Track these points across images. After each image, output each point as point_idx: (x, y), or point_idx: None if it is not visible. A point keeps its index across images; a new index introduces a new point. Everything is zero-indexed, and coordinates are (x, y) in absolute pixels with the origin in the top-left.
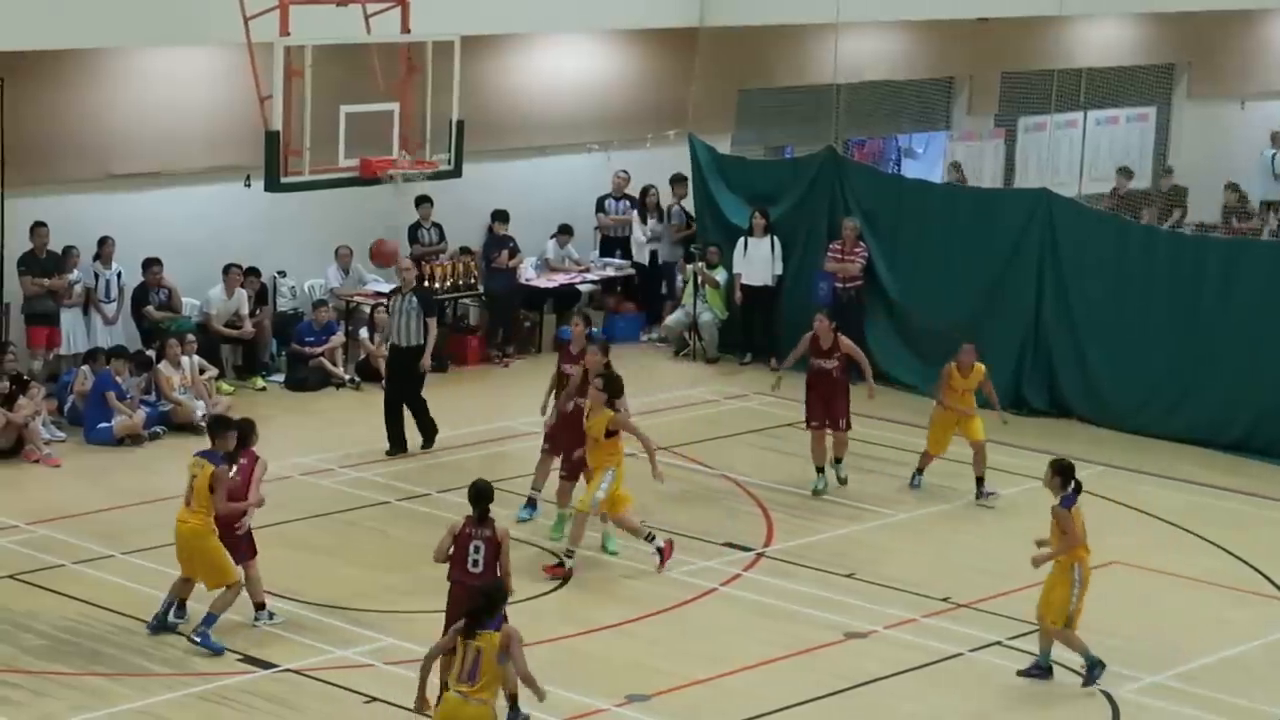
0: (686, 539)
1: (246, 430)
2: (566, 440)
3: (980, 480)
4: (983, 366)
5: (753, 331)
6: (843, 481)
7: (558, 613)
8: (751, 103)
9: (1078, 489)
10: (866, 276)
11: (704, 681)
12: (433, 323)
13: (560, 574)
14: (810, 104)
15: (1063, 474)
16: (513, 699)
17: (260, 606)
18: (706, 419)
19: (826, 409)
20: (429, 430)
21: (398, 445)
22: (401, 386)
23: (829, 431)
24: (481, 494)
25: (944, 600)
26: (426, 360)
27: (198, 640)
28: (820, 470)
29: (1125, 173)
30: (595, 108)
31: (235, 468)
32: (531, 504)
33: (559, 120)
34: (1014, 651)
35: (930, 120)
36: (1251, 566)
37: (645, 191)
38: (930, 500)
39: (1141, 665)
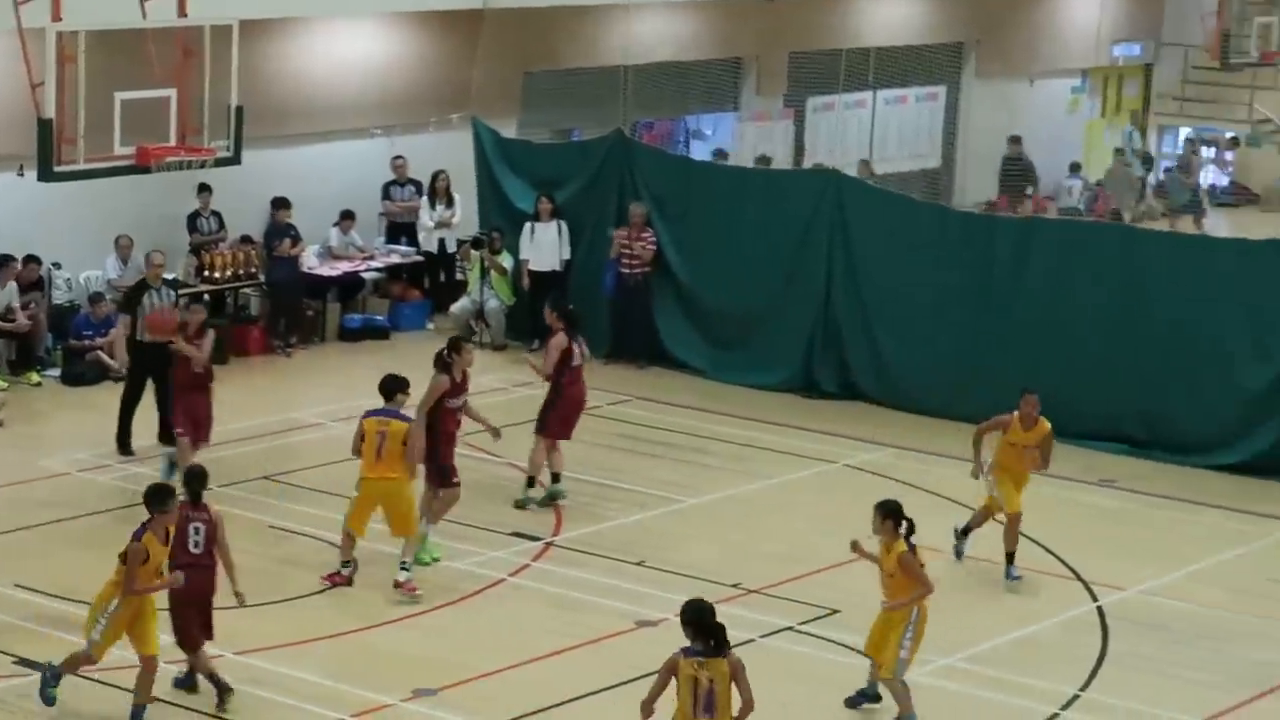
0: (474, 529)
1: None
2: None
3: (1011, 556)
4: (1048, 424)
5: (541, 318)
6: (549, 499)
7: (342, 607)
8: (537, 85)
9: (912, 529)
10: (655, 261)
11: (493, 674)
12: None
13: (340, 580)
14: (598, 86)
15: (893, 516)
16: None
17: None
18: (494, 407)
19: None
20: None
21: (128, 447)
22: (150, 382)
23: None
24: (196, 477)
25: (734, 586)
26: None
27: None
28: (530, 483)
29: (865, 165)
30: (377, 92)
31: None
32: None
33: (341, 105)
34: (806, 637)
35: (719, 101)
36: (1043, 547)
37: (435, 177)
38: (719, 485)
39: (934, 648)
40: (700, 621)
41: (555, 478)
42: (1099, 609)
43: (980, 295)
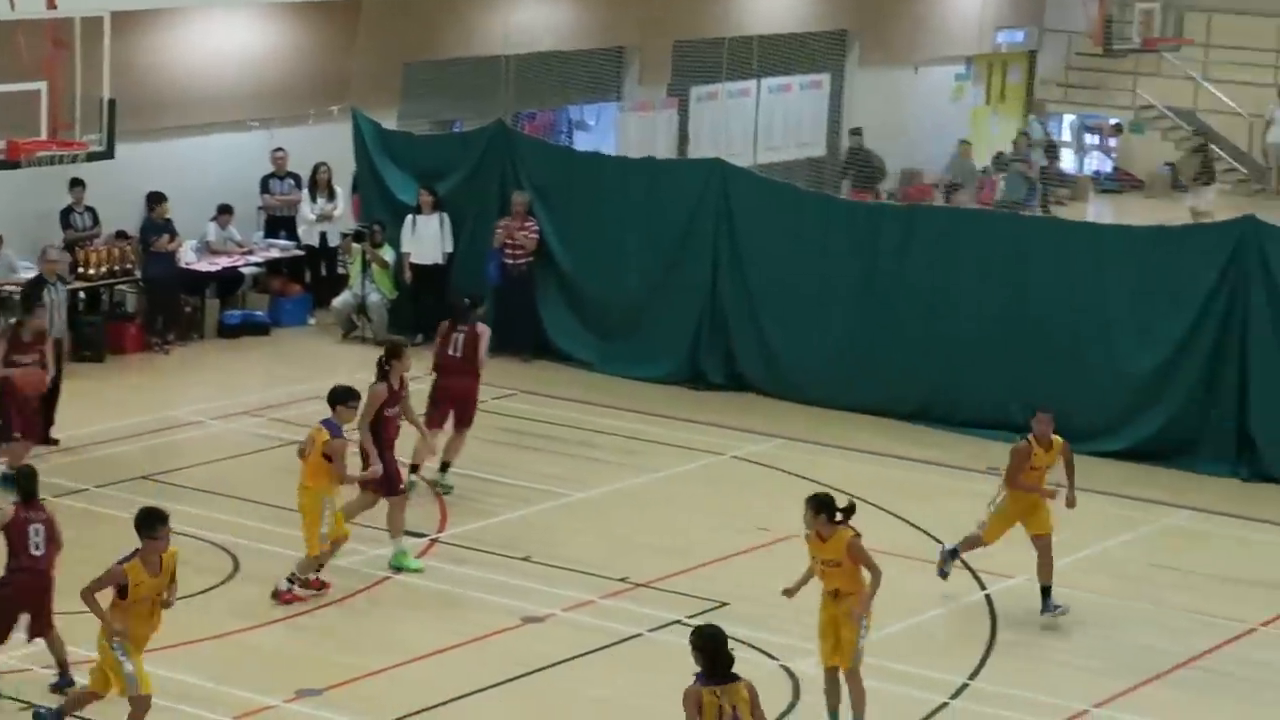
0: (358, 527)
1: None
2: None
3: (1047, 590)
4: (1061, 439)
5: (424, 312)
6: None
7: (226, 607)
8: (417, 76)
9: (849, 514)
10: (539, 251)
11: (379, 673)
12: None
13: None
14: (479, 76)
15: (826, 509)
16: None
17: None
18: None
19: None
20: (49, 424)
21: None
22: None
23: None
24: (28, 476)
25: (621, 580)
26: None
27: None
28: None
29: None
30: (254, 83)
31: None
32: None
33: (217, 97)
34: None
35: (601, 91)
36: (933, 537)
37: (315, 169)
38: (605, 479)
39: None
40: (716, 649)
41: (443, 466)
42: (987, 597)
43: (866, 284)
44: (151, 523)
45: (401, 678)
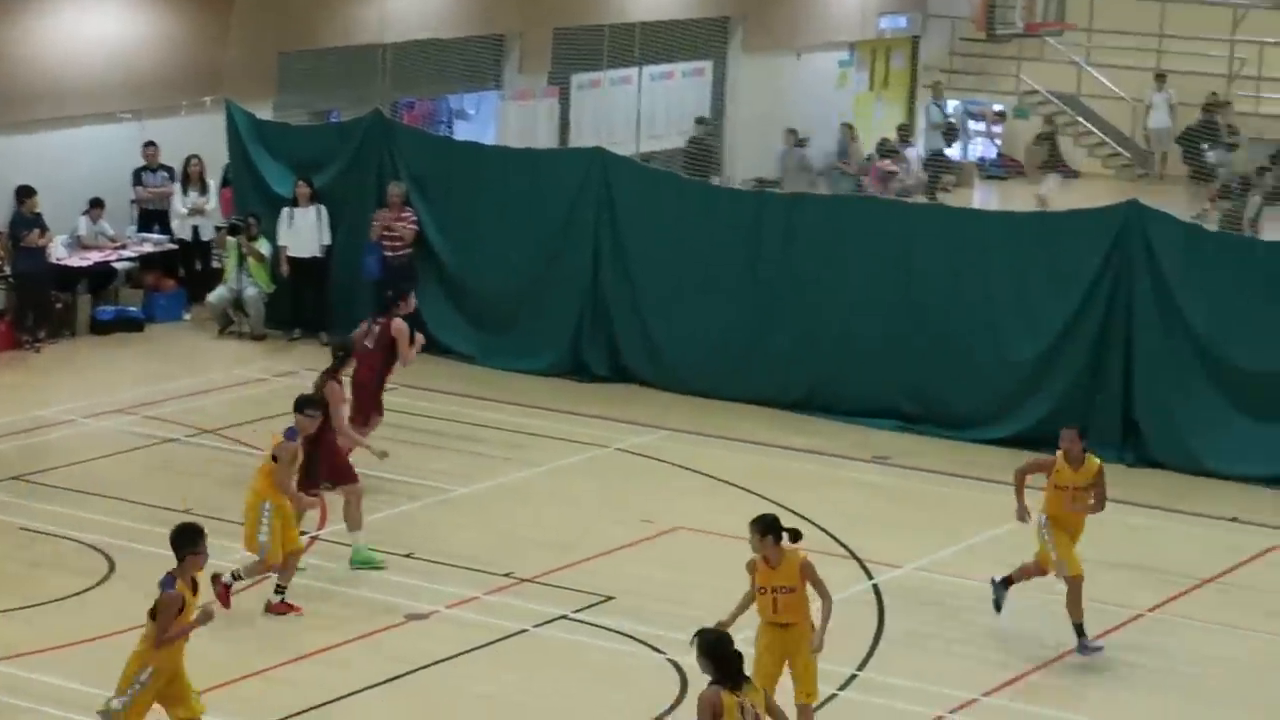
0: (236, 525)
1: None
2: None
3: (1080, 627)
4: (1097, 460)
5: (302, 306)
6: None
7: (105, 608)
8: (293, 65)
9: (797, 536)
10: (418, 243)
11: (260, 673)
12: None
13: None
14: (356, 65)
15: (773, 530)
16: None
17: None
18: (255, 399)
19: None
20: None
21: None
22: None
23: None
24: None
25: (506, 576)
26: None
27: None
28: None
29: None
30: (124, 74)
31: None
32: None
33: (88, 88)
34: (581, 625)
35: (480, 80)
36: (819, 526)
37: (188, 162)
38: (490, 474)
39: None
40: (724, 652)
41: None
42: (874, 587)
43: (749, 273)
44: (193, 537)
45: (282, 678)
